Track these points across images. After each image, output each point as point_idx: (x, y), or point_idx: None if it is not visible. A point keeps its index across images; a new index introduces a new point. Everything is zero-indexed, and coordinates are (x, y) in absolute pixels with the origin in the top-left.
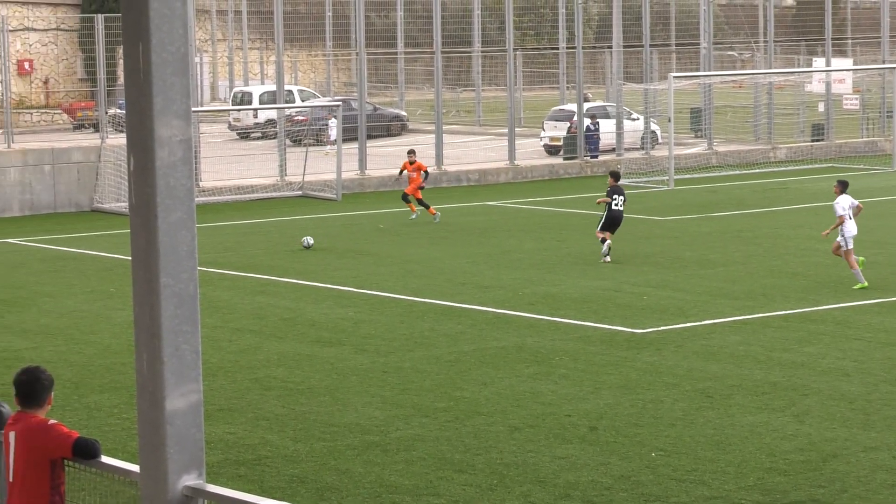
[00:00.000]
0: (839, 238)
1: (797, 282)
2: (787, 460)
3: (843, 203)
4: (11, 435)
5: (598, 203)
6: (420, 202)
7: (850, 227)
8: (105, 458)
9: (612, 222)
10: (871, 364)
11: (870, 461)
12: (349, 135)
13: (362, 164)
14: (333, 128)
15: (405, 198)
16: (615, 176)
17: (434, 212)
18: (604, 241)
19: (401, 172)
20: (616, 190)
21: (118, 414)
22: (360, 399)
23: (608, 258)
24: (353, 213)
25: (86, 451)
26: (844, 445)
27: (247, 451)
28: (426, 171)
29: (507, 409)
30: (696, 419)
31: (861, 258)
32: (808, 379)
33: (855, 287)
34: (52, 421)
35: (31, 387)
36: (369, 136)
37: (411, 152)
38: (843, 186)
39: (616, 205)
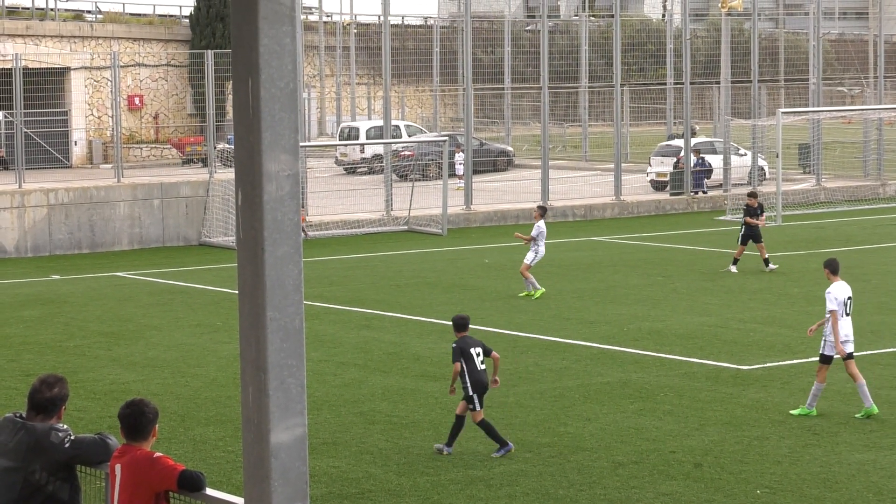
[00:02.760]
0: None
1: None
2: (895, 499)
3: (838, 294)
4: (117, 467)
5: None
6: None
7: (845, 328)
8: (210, 491)
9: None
10: None
11: None
12: (453, 169)
13: (468, 198)
14: (461, 162)
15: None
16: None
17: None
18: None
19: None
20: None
21: (223, 447)
22: (464, 434)
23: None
24: (458, 248)
25: (191, 483)
26: None
27: (351, 484)
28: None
29: (611, 444)
30: (802, 456)
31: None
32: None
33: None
34: (157, 454)
35: (136, 420)
36: (476, 171)
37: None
38: (832, 268)
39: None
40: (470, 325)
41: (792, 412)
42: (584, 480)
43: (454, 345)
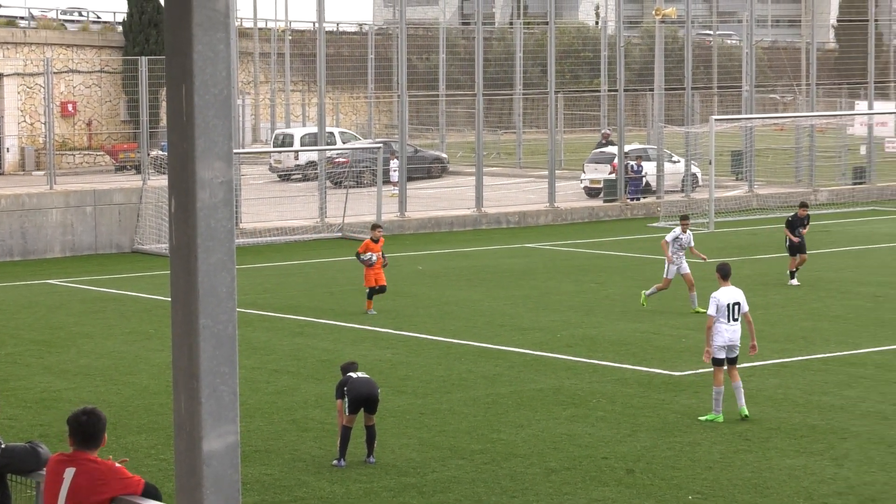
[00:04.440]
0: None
1: (837, 325)
2: None
3: (722, 298)
4: (68, 472)
5: None
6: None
7: (723, 333)
8: (142, 500)
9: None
10: None
11: None
12: (388, 176)
13: (402, 205)
14: (395, 169)
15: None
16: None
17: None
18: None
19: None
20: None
21: (155, 455)
22: (397, 441)
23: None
24: (392, 255)
25: (154, 494)
26: (883, 489)
27: (283, 492)
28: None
29: (544, 451)
30: (733, 462)
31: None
32: (847, 422)
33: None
34: (116, 464)
35: (94, 427)
36: (410, 178)
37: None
38: (722, 273)
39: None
40: (402, 332)
41: (700, 418)
42: (517, 487)
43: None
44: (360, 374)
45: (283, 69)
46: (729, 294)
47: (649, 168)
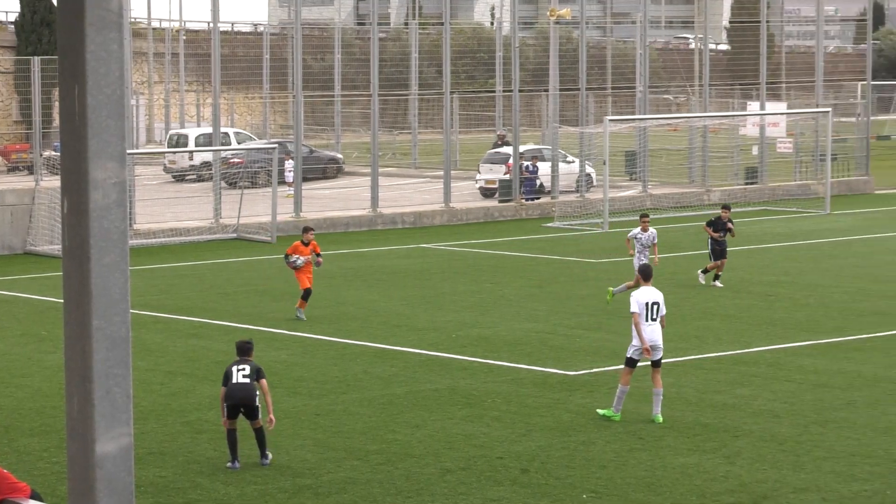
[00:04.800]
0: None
1: (730, 324)
2: (717, 502)
3: (641, 297)
4: None
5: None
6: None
7: (648, 333)
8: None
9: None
10: (801, 406)
11: (800, 502)
12: (283, 176)
13: (297, 206)
14: (291, 170)
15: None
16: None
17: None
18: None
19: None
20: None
21: (48, 458)
22: (293, 442)
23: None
24: None
25: (37, 498)
26: (775, 487)
27: (178, 494)
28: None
29: (440, 451)
30: (627, 461)
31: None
32: (739, 420)
33: (598, 412)
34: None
35: None
36: (305, 179)
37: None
38: (644, 274)
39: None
40: (297, 333)
41: (598, 411)
42: (412, 487)
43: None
44: (240, 376)
45: (178, 69)
46: (648, 294)
47: (544, 168)
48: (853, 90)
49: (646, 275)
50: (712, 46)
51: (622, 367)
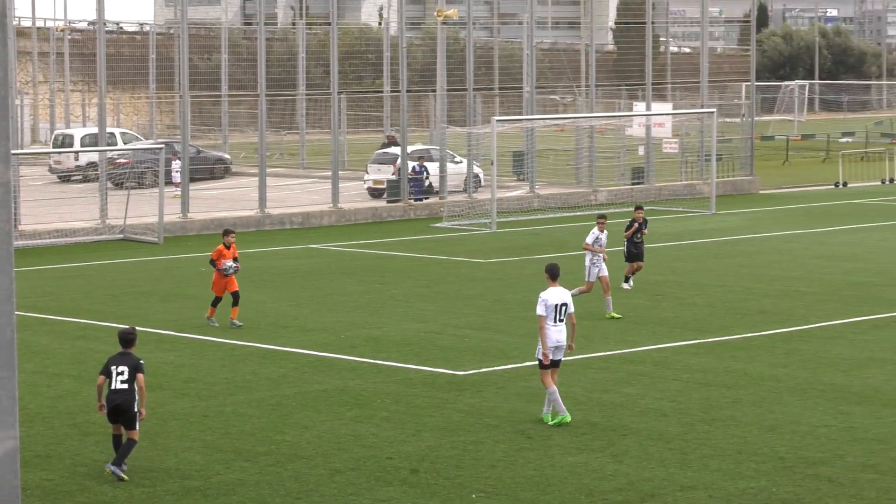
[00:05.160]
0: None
1: (617, 323)
2: (605, 500)
3: (549, 299)
4: None
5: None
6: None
7: (552, 335)
8: None
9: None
10: (688, 404)
11: (687, 500)
12: (170, 177)
13: (185, 206)
14: (178, 170)
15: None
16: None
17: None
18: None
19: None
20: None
21: None
22: (181, 444)
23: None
24: (175, 257)
25: None
26: (662, 485)
27: (65, 497)
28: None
29: (329, 452)
30: (516, 460)
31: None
32: (626, 419)
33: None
34: None
35: None
36: (193, 179)
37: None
38: (551, 273)
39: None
40: (185, 334)
41: (549, 423)
42: (302, 489)
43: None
44: (119, 382)
45: (63, 69)
46: (556, 295)
47: (432, 169)
48: (737, 91)
49: (553, 274)
50: (598, 47)
51: (510, 366)
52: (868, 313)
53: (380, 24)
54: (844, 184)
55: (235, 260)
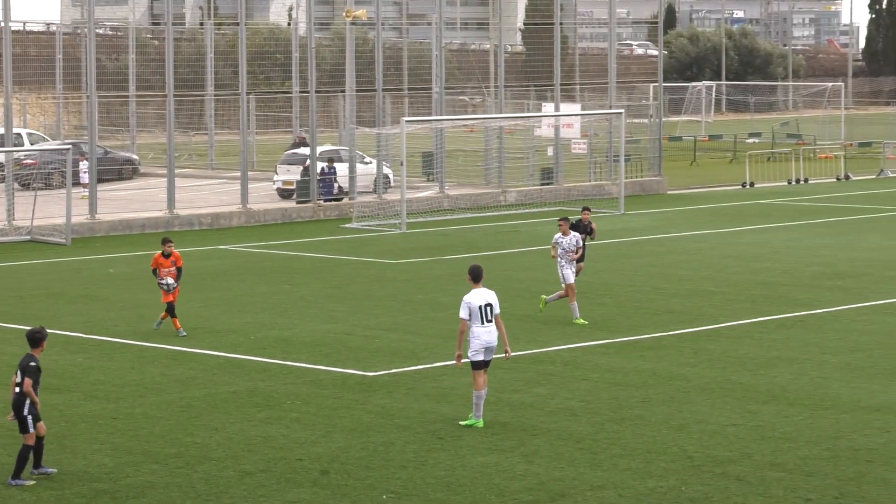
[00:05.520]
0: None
1: (527, 324)
2: (516, 500)
3: (472, 301)
4: None
5: None
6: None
7: (480, 336)
8: None
9: None
10: (597, 404)
11: (597, 499)
12: (77, 178)
13: (93, 207)
14: (85, 171)
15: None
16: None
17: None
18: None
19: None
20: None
21: None
22: (90, 446)
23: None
24: (83, 258)
25: None
26: (572, 484)
27: None
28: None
29: (239, 453)
30: (427, 461)
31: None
32: (536, 419)
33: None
34: None
35: None
36: (100, 180)
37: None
38: (473, 275)
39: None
40: (94, 336)
41: (461, 423)
42: (212, 490)
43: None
44: (15, 384)
45: None
46: (480, 296)
47: (341, 169)
48: (645, 92)
49: (476, 276)
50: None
51: (420, 367)
52: (775, 313)
53: (288, 24)
54: (751, 184)
55: (179, 270)
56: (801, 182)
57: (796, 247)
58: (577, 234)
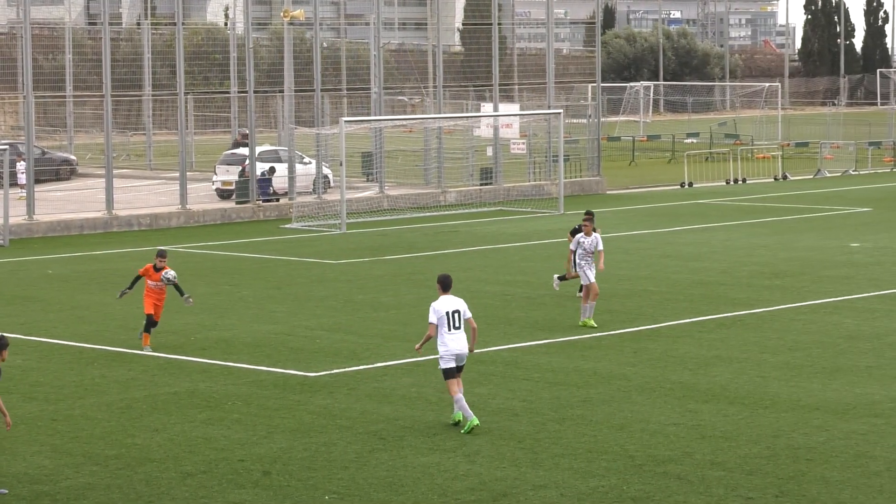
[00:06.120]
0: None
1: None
2: (458, 500)
3: (439, 307)
4: None
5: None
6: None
7: (447, 342)
8: None
9: None
10: (538, 403)
11: (538, 499)
12: (15, 178)
13: (30, 208)
14: (22, 172)
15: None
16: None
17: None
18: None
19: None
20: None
21: None
22: (29, 448)
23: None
24: (20, 259)
25: None
26: (514, 484)
27: None
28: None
29: (180, 455)
30: (368, 461)
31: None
32: (478, 419)
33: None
34: None
35: None
36: (38, 181)
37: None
38: (441, 284)
39: None
40: (32, 337)
41: (462, 431)
42: (153, 492)
43: None
44: None
45: None
46: (447, 303)
47: (281, 170)
48: (584, 92)
49: (444, 285)
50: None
51: (361, 367)
52: (714, 312)
53: (226, 24)
54: (690, 184)
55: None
56: (740, 182)
57: (734, 246)
58: (597, 234)
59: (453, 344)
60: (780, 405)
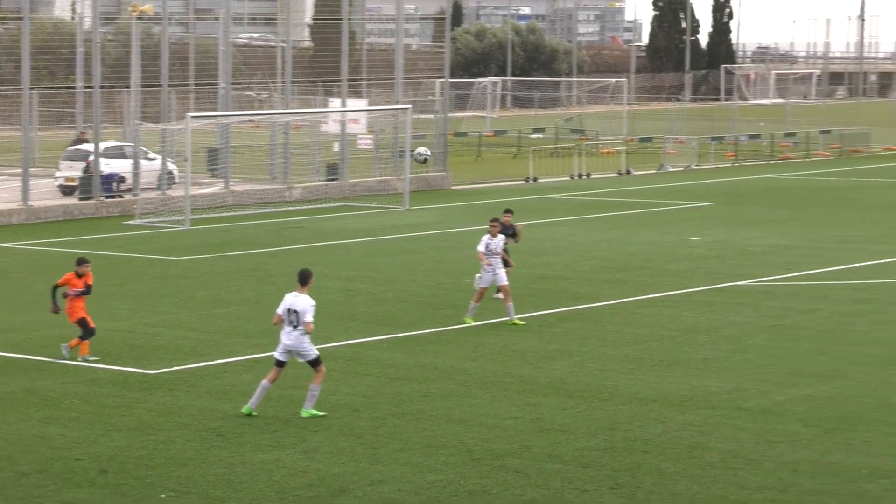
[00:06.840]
0: None
1: None
2: (296, 496)
3: (283, 304)
4: None
5: None
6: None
7: (281, 336)
8: None
9: None
10: (379, 399)
11: (377, 494)
12: None
13: None
14: None
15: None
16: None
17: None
18: None
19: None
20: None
21: None
22: None
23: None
24: None
25: None
26: (352, 480)
27: None
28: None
29: (15, 454)
30: (207, 458)
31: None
32: (320, 412)
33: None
34: None
35: None
36: None
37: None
38: (299, 279)
39: None
40: None
41: (303, 414)
42: None
43: None
44: None
45: None
46: (288, 300)
47: (125, 165)
48: (432, 87)
49: (300, 279)
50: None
51: (202, 364)
52: (555, 306)
53: (73, 18)
54: (535, 179)
55: (88, 288)
56: (584, 177)
57: (577, 241)
58: (503, 235)
59: (285, 339)
60: (618, 398)
